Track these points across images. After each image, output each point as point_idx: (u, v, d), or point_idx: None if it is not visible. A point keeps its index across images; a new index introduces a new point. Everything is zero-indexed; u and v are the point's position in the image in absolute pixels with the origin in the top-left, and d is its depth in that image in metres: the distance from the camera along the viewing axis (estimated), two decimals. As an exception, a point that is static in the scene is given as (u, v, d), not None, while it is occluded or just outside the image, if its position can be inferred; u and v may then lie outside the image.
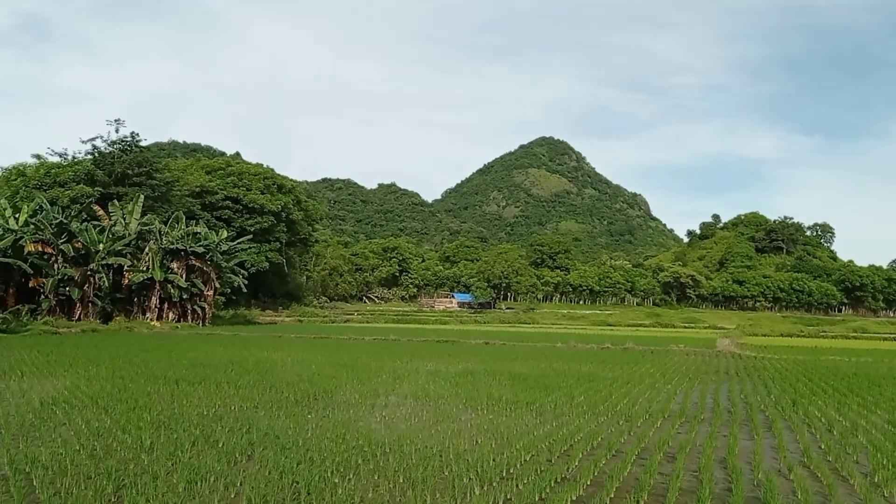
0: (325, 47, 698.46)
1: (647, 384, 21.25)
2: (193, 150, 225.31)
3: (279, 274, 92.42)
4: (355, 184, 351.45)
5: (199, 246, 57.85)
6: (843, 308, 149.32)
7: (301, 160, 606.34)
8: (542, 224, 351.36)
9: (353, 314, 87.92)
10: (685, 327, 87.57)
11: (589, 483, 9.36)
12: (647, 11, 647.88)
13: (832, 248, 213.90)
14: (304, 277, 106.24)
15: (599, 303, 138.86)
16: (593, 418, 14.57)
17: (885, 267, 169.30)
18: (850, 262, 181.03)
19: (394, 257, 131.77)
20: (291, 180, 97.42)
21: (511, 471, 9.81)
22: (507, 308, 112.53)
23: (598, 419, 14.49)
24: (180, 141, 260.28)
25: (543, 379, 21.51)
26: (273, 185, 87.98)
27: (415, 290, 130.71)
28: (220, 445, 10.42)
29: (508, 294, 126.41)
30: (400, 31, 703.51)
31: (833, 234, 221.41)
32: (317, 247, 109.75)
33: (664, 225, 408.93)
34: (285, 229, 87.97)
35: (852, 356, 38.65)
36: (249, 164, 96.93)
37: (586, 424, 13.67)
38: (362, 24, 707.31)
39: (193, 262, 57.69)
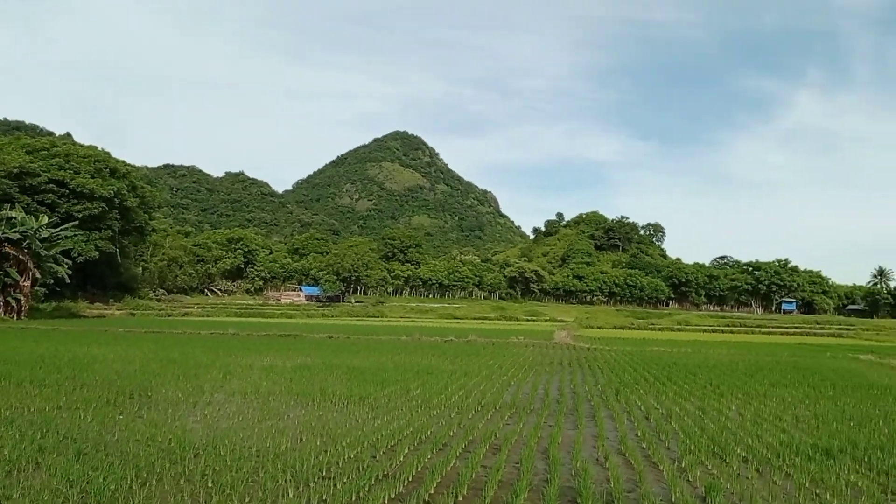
0: (172, 26, 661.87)
1: (483, 376, 21.51)
2: (16, 128, 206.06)
3: (111, 264, 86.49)
4: (200, 171, 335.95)
5: (14, 232, 52.89)
6: (671, 302, 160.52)
7: (141, 144, 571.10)
8: (394, 218, 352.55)
9: (192, 307, 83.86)
10: (528, 320, 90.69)
11: (410, 479, 9.16)
12: (502, 14, 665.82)
13: (663, 246, 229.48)
14: (140, 268, 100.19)
15: (448, 296, 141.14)
16: (426, 412, 14.47)
17: (707, 265, 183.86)
18: (678, 259, 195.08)
19: (239, 249, 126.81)
20: (127, 164, 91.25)
21: (332, 470, 9.44)
22: (357, 301, 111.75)
23: (431, 412, 14.40)
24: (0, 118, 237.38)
25: (382, 373, 21.27)
26: (105, 168, 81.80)
27: (261, 283, 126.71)
28: (5, 453, 9.29)
29: (359, 287, 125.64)
30: (254, 15, 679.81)
31: (664, 233, 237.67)
32: (154, 236, 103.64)
33: (512, 222, 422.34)
34: (118, 217, 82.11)
35: (674, 347, 41.42)
36: (79, 145, 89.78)
37: (418, 418, 13.53)
38: (213, 5, 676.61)
39: (7, 249, 52.70)
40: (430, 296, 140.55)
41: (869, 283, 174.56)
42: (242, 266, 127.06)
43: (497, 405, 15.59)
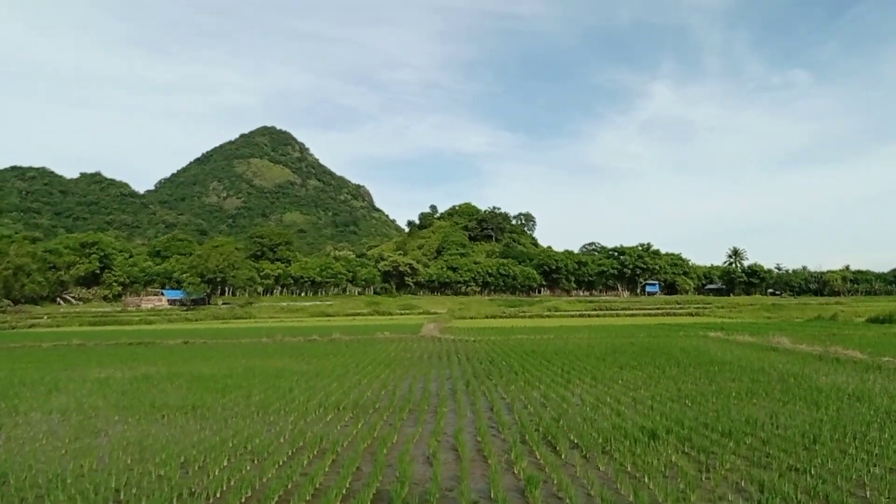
0: (14, 16, 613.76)
1: (336, 376, 20.87)
2: None
3: (-53, 276, 79.34)
4: (52, 172, 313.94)
5: None
6: (543, 289, 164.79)
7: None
8: (265, 215, 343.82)
9: (41, 318, 77.83)
10: (401, 314, 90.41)
11: (218, 496, 8.46)
12: (367, 7, 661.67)
13: (534, 235, 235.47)
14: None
15: (322, 293, 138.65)
16: (262, 418, 13.72)
17: (576, 251, 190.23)
18: (549, 247, 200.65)
19: (94, 253, 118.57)
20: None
21: (133, 491, 8.59)
22: (224, 304, 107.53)
23: (267, 419, 13.67)
24: None
25: (227, 379, 20.20)
26: (-66, 171, 74.66)
27: (119, 288, 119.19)
28: None
29: (226, 289, 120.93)
30: (109, 5, 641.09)
31: (535, 222, 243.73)
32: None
33: (387, 216, 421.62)
34: (-48, 224, 75.24)
35: (539, 334, 42.22)
36: None
37: (249, 426, 12.76)
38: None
39: None
40: (303, 294, 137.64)
41: (725, 262, 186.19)
42: (98, 272, 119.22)
43: (340, 406, 15.03)
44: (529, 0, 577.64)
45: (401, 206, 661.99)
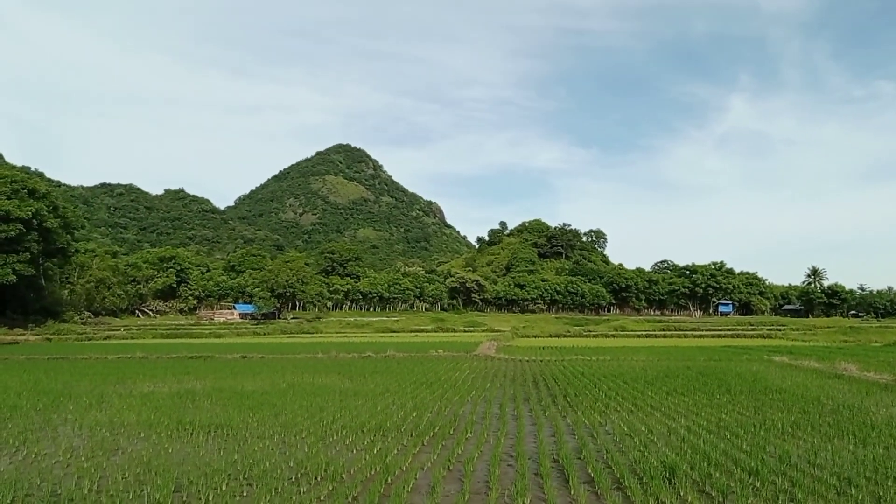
0: (107, 43, 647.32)
1: (372, 395, 20.70)
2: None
3: (33, 287, 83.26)
4: (138, 189, 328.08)
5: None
6: (612, 308, 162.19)
7: (77, 164, 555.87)
8: (339, 231, 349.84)
9: (118, 329, 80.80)
10: (465, 331, 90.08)
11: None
12: (439, 26, 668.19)
13: (605, 252, 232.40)
14: (66, 291, 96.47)
15: (389, 309, 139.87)
16: (281, 440, 13.65)
17: (647, 269, 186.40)
18: (620, 265, 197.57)
19: (171, 267, 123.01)
20: (48, 183, 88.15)
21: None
22: (293, 318, 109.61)
23: (286, 440, 13.60)
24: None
25: (265, 395, 20.32)
26: (23, 189, 78.69)
27: (195, 301, 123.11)
28: None
29: (297, 303, 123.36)
30: (191, 29, 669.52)
31: (606, 239, 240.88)
32: (81, 257, 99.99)
33: (458, 232, 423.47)
34: (38, 238, 79.07)
35: (599, 354, 41.24)
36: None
37: (264, 449, 12.70)
38: (149, 21, 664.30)
39: None
40: (371, 309, 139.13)
41: (803, 282, 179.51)
42: (175, 285, 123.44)
43: (364, 429, 14.79)
44: (602, 16, 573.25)
45: (472, 222, 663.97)
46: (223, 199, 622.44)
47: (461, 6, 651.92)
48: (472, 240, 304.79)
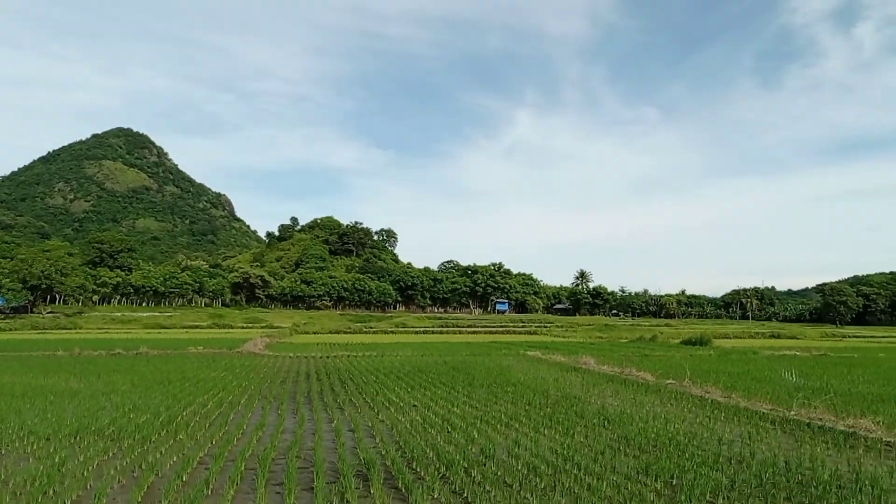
0: None
1: (97, 395, 18.69)
2: None
3: None
4: None
5: None
6: (398, 305, 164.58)
7: None
8: (116, 221, 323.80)
9: None
10: (243, 328, 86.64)
11: None
12: (239, 16, 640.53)
13: (395, 251, 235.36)
14: None
15: (165, 304, 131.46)
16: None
17: (434, 269, 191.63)
18: (409, 264, 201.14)
19: None
20: None
21: None
22: (49, 312, 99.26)
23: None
24: None
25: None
26: None
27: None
28: None
29: (56, 297, 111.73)
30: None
31: (396, 238, 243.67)
32: None
33: (248, 226, 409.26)
34: None
35: (369, 350, 41.28)
36: None
37: None
38: None
39: None
40: (145, 304, 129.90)
41: (573, 284, 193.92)
42: None
43: (60, 434, 13.08)
44: (403, 22, 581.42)
45: (263, 217, 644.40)
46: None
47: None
48: (263, 234, 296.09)
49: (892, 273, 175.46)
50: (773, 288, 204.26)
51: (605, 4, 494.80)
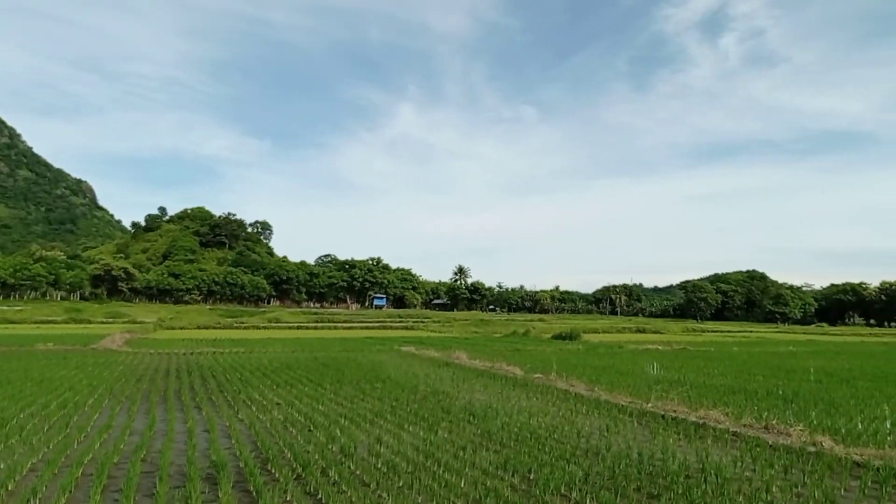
0: None
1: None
2: None
3: None
4: None
5: None
6: (273, 300, 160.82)
7: None
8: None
9: None
10: (103, 322, 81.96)
11: None
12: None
13: (270, 244, 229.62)
14: None
15: (15, 297, 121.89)
16: None
17: (311, 263, 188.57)
18: (284, 258, 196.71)
19: None
20: None
21: None
22: None
23: None
24: None
25: None
26: None
27: None
28: None
29: None
30: None
31: (272, 231, 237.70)
32: None
33: (112, 215, 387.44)
34: None
35: (239, 346, 39.90)
36: None
37: None
38: None
39: None
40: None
41: (451, 279, 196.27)
42: None
43: None
44: (284, 9, 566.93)
45: (129, 206, 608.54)
46: None
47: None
48: (129, 225, 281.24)
49: (748, 271, 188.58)
50: (640, 285, 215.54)
51: (486, 2, 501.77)
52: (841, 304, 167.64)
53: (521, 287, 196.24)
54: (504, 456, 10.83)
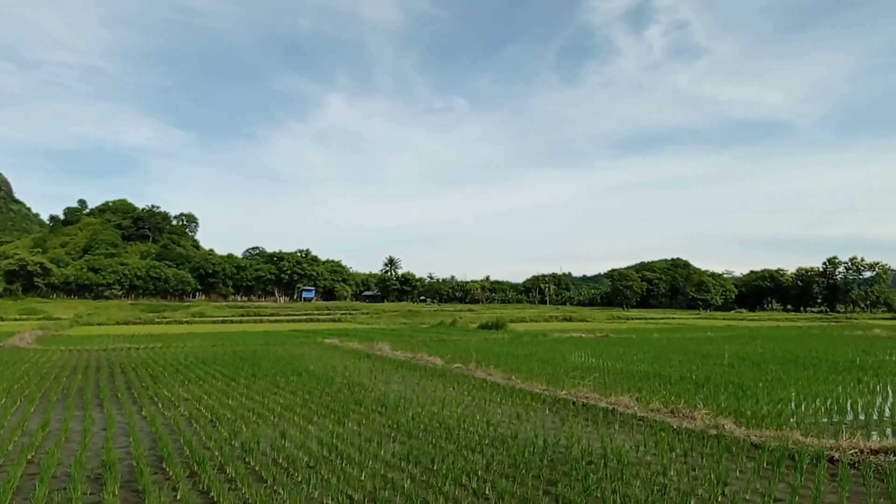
0: None
1: None
2: None
3: None
4: None
5: None
6: (198, 293, 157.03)
7: None
8: None
9: None
10: (16, 320, 78.31)
11: None
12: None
13: (196, 237, 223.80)
14: None
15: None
16: None
17: (238, 256, 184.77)
18: (210, 250, 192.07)
19: None
20: None
21: None
22: None
23: None
24: None
25: None
26: None
27: None
28: None
29: None
30: None
31: (197, 223, 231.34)
32: None
33: (28, 208, 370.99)
34: None
35: (154, 342, 38.68)
36: None
37: None
38: None
39: None
40: None
41: (382, 270, 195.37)
42: None
43: None
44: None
45: (47, 199, 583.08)
46: None
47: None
48: (47, 218, 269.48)
49: (672, 260, 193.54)
50: (569, 274, 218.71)
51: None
52: (760, 291, 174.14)
53: (453, 278, 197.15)
54: (409, 447, 10.69)
